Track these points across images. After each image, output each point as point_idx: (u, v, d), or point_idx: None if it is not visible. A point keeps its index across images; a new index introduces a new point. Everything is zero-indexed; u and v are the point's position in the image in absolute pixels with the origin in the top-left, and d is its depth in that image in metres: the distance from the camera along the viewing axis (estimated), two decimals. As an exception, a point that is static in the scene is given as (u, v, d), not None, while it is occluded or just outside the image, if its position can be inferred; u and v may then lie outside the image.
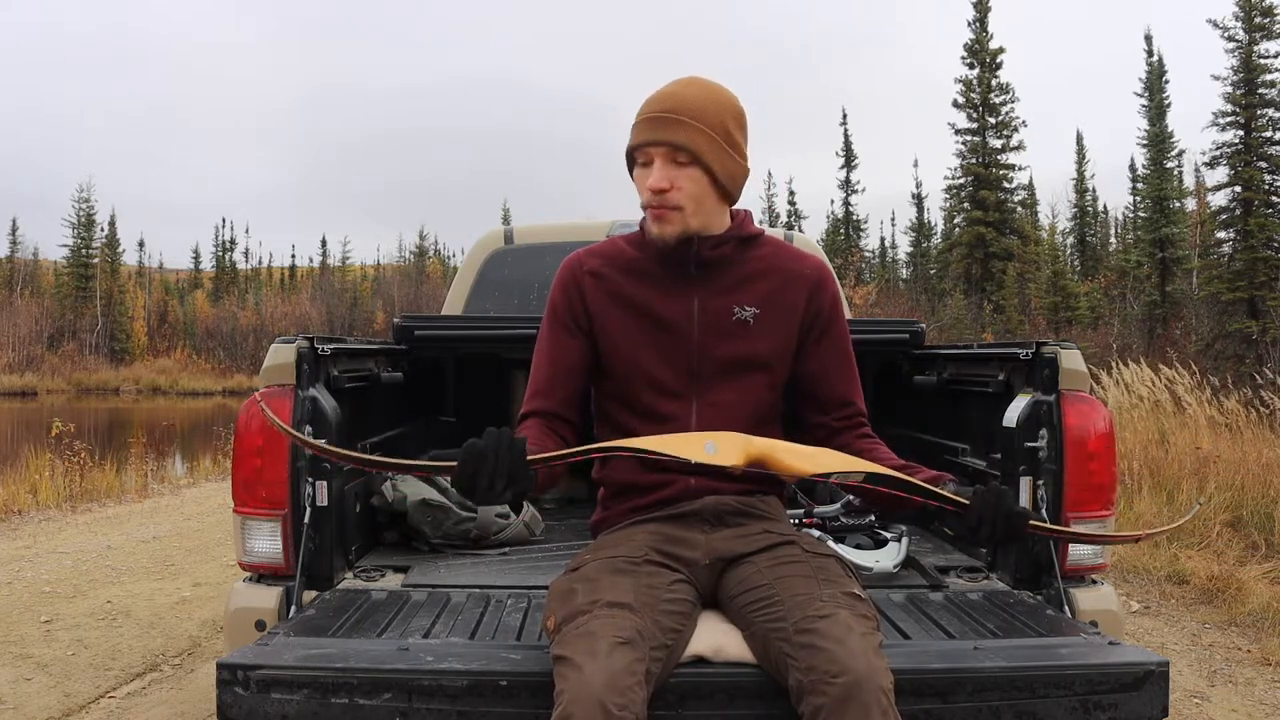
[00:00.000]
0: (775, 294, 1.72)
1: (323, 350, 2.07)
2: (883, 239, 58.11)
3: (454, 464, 1.37)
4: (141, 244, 62.64)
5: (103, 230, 51.75)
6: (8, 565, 5.23)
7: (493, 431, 1.39)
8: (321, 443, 1.64)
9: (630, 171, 1.71)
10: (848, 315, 4.10)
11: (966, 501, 1.49)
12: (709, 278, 1.71)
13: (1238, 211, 22.62)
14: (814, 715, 1.33)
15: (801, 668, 1.37)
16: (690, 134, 1.60)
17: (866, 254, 45.90)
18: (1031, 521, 1.52)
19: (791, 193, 46.80)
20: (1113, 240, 45.75)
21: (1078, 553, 2.02)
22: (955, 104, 33.04)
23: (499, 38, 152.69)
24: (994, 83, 32.53)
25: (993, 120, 32.85)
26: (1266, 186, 22.56)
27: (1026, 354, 2.11)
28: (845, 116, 45.44)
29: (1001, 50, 32.46)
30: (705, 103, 1.63)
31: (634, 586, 1.50)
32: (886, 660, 1.37)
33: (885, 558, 2.19)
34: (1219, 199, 23.93)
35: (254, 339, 49.43)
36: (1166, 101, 30.58)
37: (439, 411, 3.33)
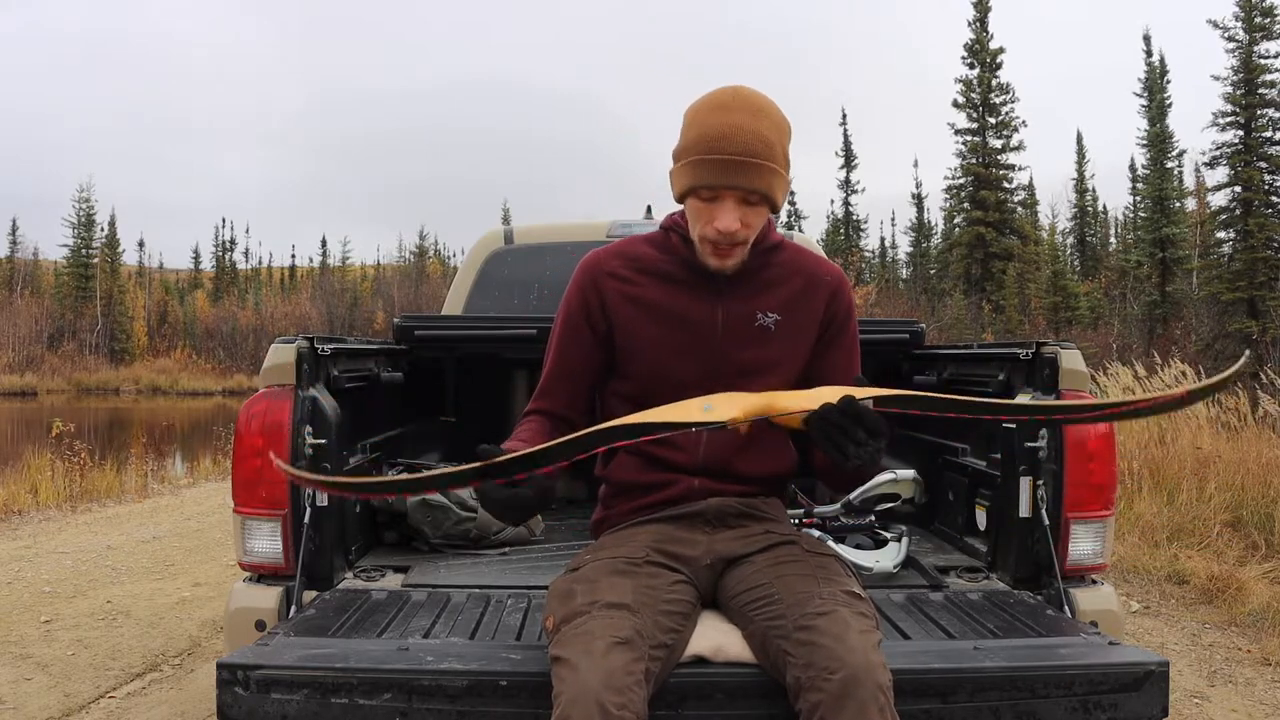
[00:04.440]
0: (795, 300, 1.73)
1: (323, 350, 2.07)
2: (883, 239, 58.15)
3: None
4: (141, 244, 62.67)
5: (103, 230, 51.78)
6: (8, 565, 5.23)
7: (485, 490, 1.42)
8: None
9: (681, 195, 1.63)
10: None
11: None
12: (734, 284, 1.71)
13: (1238, 211, 22.65)
14: (812, 711, 1.33)
15: (800, 664, 1.37)
16: (769, 179, 1.57)
17: (866, 254, 45.92)
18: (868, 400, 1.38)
19: (792, 193, 46.81)
20: (1113, 240, 45.78)
21: (1078, 553, 2.02)
22: (955, 104, 33.10)
23: (499, 40, 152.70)
24: (994, 83, 32.57)
25: (993, 120, 32.88)
26: (1266, 186, 22.58)
27: (1026, 354, 2.11)
28: (845, 116, 45.49)
29: (1001, 50, 32.52)
30: (775, 135, 1.57)
31: (633, 587, 1.50)
32: (884, 658, 1.37)
33: (885, 558, 2.19)
34: (1219, 199, 23.97)
35: (254, 339, 49.40)
36: (1167, 101, 30.60)
37: (439, 411, 3.33)
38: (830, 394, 1.41)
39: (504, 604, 1.96)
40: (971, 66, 32.81)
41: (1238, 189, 22.71)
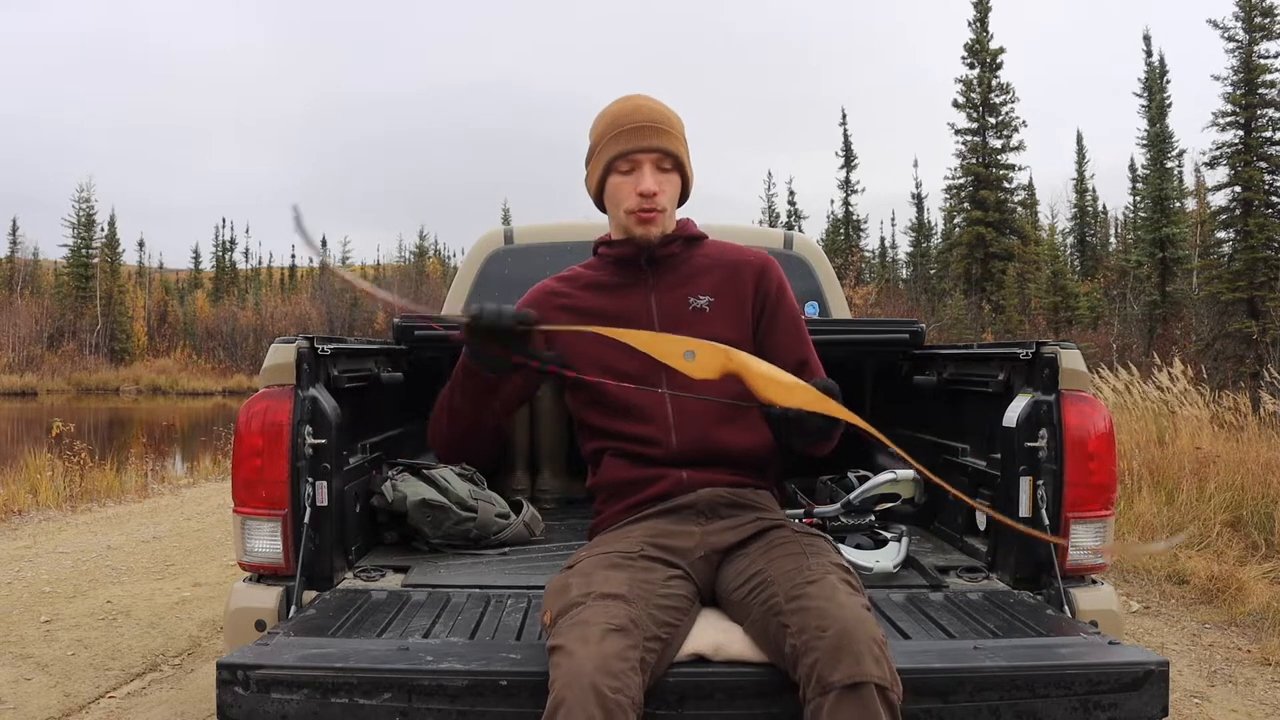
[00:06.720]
0: (724, 283, 1.84)
1: (323, 350, 2.07)
2: (883, 239, 58.20)
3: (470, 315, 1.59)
4: (141, 244, 62.77)
5: (103, 230, 51.78)
6: (8, 565, 5.23)
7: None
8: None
9: (600, 180, 1.81)
10: (846, 314, 4.11)
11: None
12: (661, 275, 1.83)
13: (1238, 211, 22.64)
14: (810, 671, 1.35)
15: (794, 631, 1.40)
16: (675, 143, 1.78)
17: (866, 254, 45.92)
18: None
19: (791, 193, 46.90)
20: (1113, 240, 45.81)
21: (1078, 552, 2.02)
22: (955, 104, 33.09)
23: (499, 44, 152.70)
24: (994, 83, 32.55)
25: (993, 120, 32.87)
26: (1266, 186, 22.57)
27: (1026, 354, 2.11)
28: (845, 117, 45.38)
29: (1002, 50, 32.49)
30: (673, 117, 1.81)
31: (628, 579, 1.52)
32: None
33: (885, 558, 2.19)
34: (1219, 199, 23.95)
35: (254, 339, 49.44)
36: (1166, 101, 30.61)
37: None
38: (802, 396, 1.51)
39: (504, 604, 1.96)
40: (971, 66, 32.80)
41: (1238, 189, 22.69)
